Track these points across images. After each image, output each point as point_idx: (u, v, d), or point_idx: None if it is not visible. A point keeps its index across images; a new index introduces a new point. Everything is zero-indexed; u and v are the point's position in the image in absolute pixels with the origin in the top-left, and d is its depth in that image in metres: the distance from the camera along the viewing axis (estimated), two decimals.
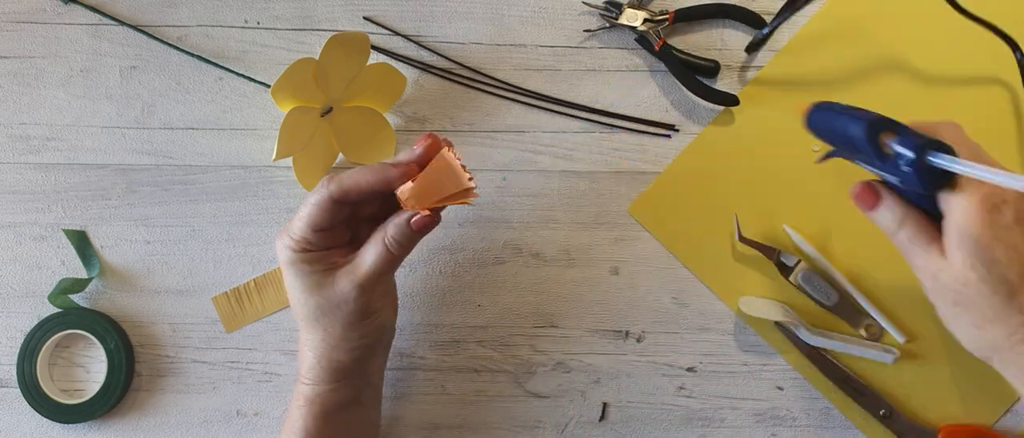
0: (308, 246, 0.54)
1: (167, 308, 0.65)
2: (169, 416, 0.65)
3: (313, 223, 0.53)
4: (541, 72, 0.65)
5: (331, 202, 0.53)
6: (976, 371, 0.63)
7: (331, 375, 0.55)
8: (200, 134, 0.65)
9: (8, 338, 0.64)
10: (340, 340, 0.55)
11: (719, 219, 0.64)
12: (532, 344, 0.65)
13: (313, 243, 0.54)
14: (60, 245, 0.65)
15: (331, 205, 0.53)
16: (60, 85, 0.65)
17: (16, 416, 0.64)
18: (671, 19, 0.64)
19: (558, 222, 0.65)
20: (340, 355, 0.55)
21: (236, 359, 0.65)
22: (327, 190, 0.53)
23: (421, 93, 0.65)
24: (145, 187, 0.65)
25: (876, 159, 0.48)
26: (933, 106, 0.64)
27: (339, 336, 0.54)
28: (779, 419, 0.64)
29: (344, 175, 0.53)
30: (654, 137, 0.65)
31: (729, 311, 0.64)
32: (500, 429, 0.65)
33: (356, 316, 0.54)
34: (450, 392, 0.65)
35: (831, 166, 0.64)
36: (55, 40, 0.65)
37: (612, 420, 0.65)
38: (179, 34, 0.65)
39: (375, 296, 0.55)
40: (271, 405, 0.65)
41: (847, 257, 0.64)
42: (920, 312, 0.63)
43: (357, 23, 0.65)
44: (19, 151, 0.65)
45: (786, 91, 0.65)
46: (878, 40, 0.63)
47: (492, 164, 0.65)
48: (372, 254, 0.53)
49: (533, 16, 0.65)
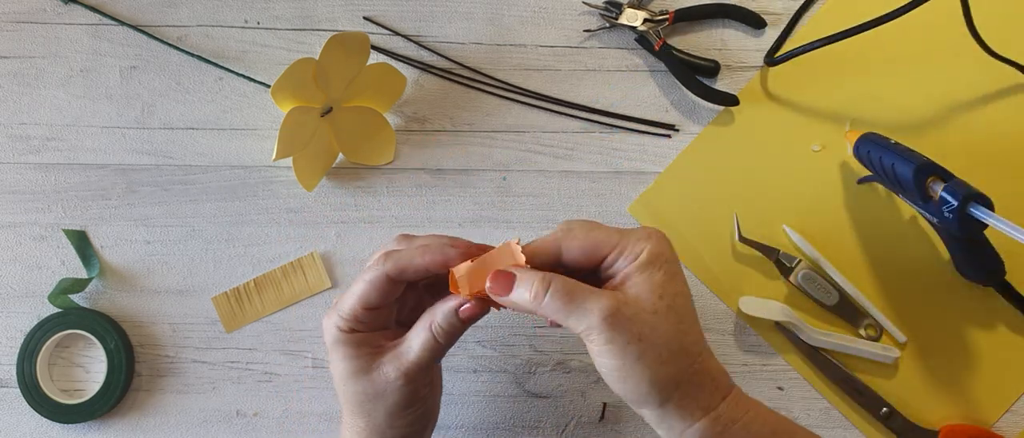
0: (357, 326, 0.51)
1: (167, 308, 0.65)
2: (169, 416, 0.65)
3: (365, 301, 0.50)
4: (541, 72, 0.65)
5: (387, 281, 0.50)
6: (976, 371, 0.63)
7: None
8: (200, 134, 0.65)
9: (8, 338, 0.64)
10: (385, 428, 0.52)
11: (719, 219, 0.64)
12: (532, 344, 0.65)
13: (363, 322, 0.51)
14: (60, 245, 0.65)
15: (386, 283, 0.50)
16: (60, 85, 0.65)
17: (16, 416, 0.64)
18: (671, 19, 0.64)
19: (558, 222, 0.64)
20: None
21: (236, 359, 0.65)
22: (383, 269, 0.49)
23: (421, 93, 0.65)
24: (145, 187, 0.65)
25: (919, 198, 0.54)
26: (933, 105, 0.64)
27: (383, 424, 0.51)
28: None
29: (401, 253, 0.50)
30: (654, 137, 0.65)
31: (729, 311, 0.64)
32: (500, 429, 0.65)
33: (401, 406, 0.51)
34: (450, 392, 0.65)
35: (829, 166, 0.64)
36: (55, 40, 0.65)
37: (612, 420, 0.65)
38: (179, 34, 0.65)
39: (421, 384, 0.51)
40: (271, 405, 0.65)
41: (847, 257, 0.64)
42: (920, 312, 0.63)
43: (357, 23, 0.65)
44: (19, 151, 0.65)
45: (786, 91, 0.65)
46: (878, 41, 0.63)
47: (492, 164, 0.65)
48: (418, 342, 0.50)
49: (533, 16, 0.65)
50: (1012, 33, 0.63)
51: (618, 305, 0.45)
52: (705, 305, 0.64)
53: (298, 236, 0.65)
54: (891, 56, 0.64)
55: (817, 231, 0.64)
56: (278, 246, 0.65)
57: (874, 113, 0.64)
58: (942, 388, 0.63)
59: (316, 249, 0.65)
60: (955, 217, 0.52)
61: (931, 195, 0.54)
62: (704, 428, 0.46)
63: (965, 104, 0.64)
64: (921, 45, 0.64)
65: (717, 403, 0.47)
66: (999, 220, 0.50)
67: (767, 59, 0.64)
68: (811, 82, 0.64)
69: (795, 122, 0.65)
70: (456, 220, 0.65)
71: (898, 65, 0.64)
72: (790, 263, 0.63)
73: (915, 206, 0.56)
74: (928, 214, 0.56)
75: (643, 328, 0.45)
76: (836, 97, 0.65)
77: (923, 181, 0.54)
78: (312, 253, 0.65)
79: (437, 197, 0.65)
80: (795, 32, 0.65)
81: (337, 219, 0.65)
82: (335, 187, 0.65)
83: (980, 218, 0.51)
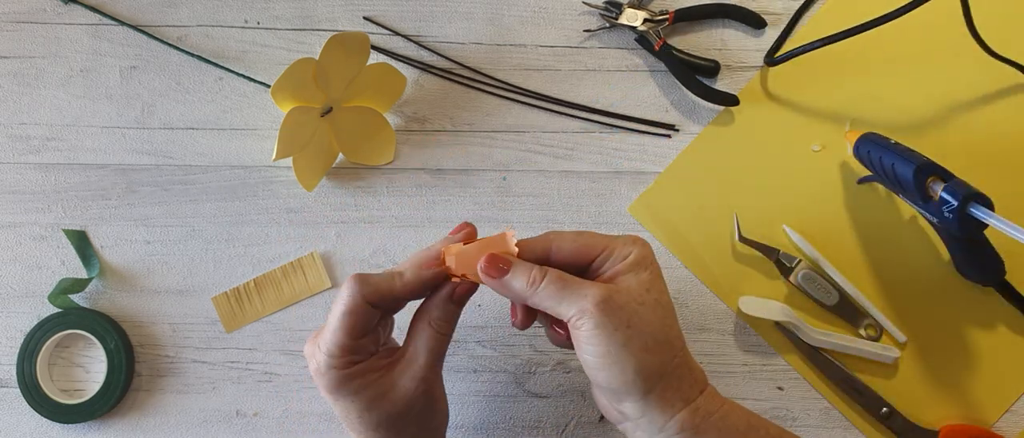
0: (355, 358, 0.49)
1: (167, 308, 0.65)
2: (169, 416, 0.65)
3: (354, 332, 0.49)
4: (541, 72, 0.65)
5: (366, 305, 0.49)
6: (976, 371, 0.63)
7: None
8: (200, 134, 0.65)
9: (8, 338, 0.64)
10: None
11: (719, 219, 0.64)
12: (532, 344, 0.65)
13: (356, 353, 0.49)
14: (60, 245, 0.65)
15: (366, 309, 0.49)
16: (60, 85, 0.65)
17: (16, 416, 0.64)
18: (671, 19, 0.64)
19: (558, 222, 0.65)
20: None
21: (236, 359, 0.65)
22: (359, 295, 0.49)
23: (421, 93, 0.65)
24: (145, 187, 0.65)
25: (919, 198, 0.54)
26: (933, 105, 0.64)
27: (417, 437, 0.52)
28: (779, 419, 0.64)
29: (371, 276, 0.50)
30: (654, 137, 0.65)
31: (729, 311, 0.64)
32: (500, 429, 0.65)
33: (429, 413, 0.51)
34: (450, 392, 0.65)
35: (829, 166, 0.64)
36: (55, 40, 0.65)
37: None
38: (179, 34, 0.65)
39: (436, 384, 0.52)
40: (271, 405, 0.65)
41: (847, 257, 0.64)
42: (920, 312, 0.63)
43: (357, 23, 0.65)
44: (19, 151, 0.65)
45: (786, 91, 0.65)
46: (878, 41, 0.63)
47: (492, 164, 0.65)
48: (423, 341, 0.50)
49: (533, 16, 0.65)
50: (1012, 33, 0.63)
51: (610, 293, 0.47)
52: (705, 305, 0.64)
53: (298, 236, 0.65)
54: (891, 56, 0.64)
55: (817, 231, 0.64)
56: (278, 246, 0.65)
57: (874, 113, 0.64)
58: (942, 388, 0.63)
59: (316, 249, 0.65)
60: (955, 217, 0.52)
61: (931, 195, 0.54)
62: (684, 419, 0.48)
63: (965, 104, 0.64)
64: (921, 45, 0.64)
65: (695, 396, 0.48)
66: (999, 220, 0.50)
67: (767, 59, 0.64)
68: (811, 82, 0.64)
69: (795, 122, 0.65)
70: (456, 220, 0.65)
71: (898, 65, 0.64)
72: (790, 263, 0.63)
73: (915, 206, 0.56)
74: (928, 214, 0.56)
75: (632, 316, 0.47)
76: (836, 97, 0.65)
77: (923, 181, 0.54)
78: (312, 253, 0.65)
79: (437, 197, 0.65)
80: (795, 32, 0.65)
81: (337, 219, 0.65)
82: (335, 187, 0.65)
83: (980, 218, 0.51)
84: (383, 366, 0.50)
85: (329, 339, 0.49)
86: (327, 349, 0.49)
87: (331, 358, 0.49)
